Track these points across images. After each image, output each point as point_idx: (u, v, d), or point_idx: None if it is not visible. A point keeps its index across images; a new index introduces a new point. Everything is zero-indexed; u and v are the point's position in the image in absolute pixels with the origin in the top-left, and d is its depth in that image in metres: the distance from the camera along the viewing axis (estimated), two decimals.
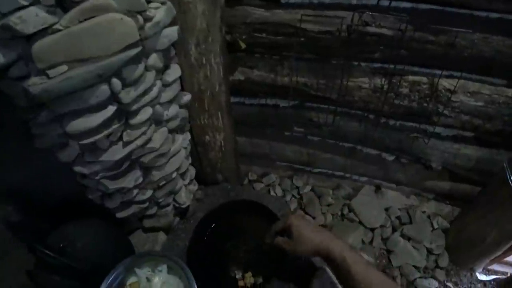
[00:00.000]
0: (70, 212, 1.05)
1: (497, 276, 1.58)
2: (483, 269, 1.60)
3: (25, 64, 0.65)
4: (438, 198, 1.67)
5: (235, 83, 1.36)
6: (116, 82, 0.72)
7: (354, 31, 1.04)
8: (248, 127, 1.57)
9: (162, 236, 1.27)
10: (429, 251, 1.57)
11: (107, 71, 0.68)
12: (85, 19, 0.63)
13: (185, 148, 1.18)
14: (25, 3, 0.56)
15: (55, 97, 0.66)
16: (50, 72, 0.63)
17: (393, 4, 1.02)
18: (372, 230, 1.60)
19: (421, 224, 1.61)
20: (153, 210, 1.19)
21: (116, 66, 0.69)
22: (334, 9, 1.08)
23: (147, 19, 0.74)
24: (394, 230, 1.61)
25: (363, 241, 1.57)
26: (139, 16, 0.71)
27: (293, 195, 1.74)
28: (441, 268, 1.55)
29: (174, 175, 1.14)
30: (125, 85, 0.75)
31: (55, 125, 0.79)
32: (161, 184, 1.10)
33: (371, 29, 1.05)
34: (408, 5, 1.04)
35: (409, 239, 1.57)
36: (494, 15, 1.01)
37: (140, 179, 1.01)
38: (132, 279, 0.85)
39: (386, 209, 1.66)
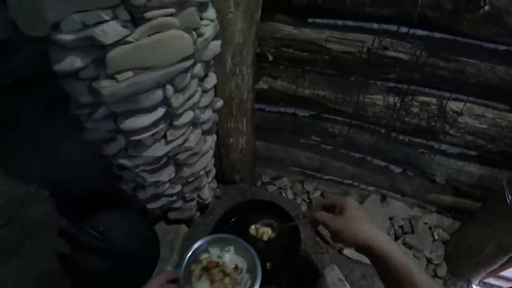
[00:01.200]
0: (96, 202, 1.13)
1: None
2: (480, 281, 1.67)
3: (96, 68, 0.76)
4: (440, 210, 1.76)
5: (259, 91, 1.46)
6: (169, 88, 0.83)
7: (373, 53, 1.15)
8: (266, 132, 1.68)
9: (184, 228, 1.36)
10: (429, 261, 1.65)
11: (165, 79, 0.80)
12: (152, 34, 0.74)
13: (212, 148, 1.29)
14: (107, 18, 0.67)
15: (120, 98, 0.77)
16: (118, 77, 0.74)
17: (411, 31, 1.13)
18: None
19: (423, 235, 1.70)
20: (179, 204, 1.30)
21: (173, 75, 0.80)
22: (357, 32, 1.19)
23: (199, 35, 0.85)
24: (397, 238, 1.69)
25: None
26: (193, 32, 0.82)
27: (303, 199, 1.84)
28: (440, 278, 1.63)
29: (202, 172, 1.24)
30: (176, 91, 0.86)
31: (108, 121, 0.89)
32: (190, 180, 1.20)
33: (389, 53, 1.16)
34: (423, 33, 1.15)
35: (410, 247, 1.66)
36: (501, 47, 1.12)
37: (173, 174, 1.11)
38: (204, 255, 0.90)
39: (390, 218, 1.75)
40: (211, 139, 1.24)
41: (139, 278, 1.13)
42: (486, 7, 0.98)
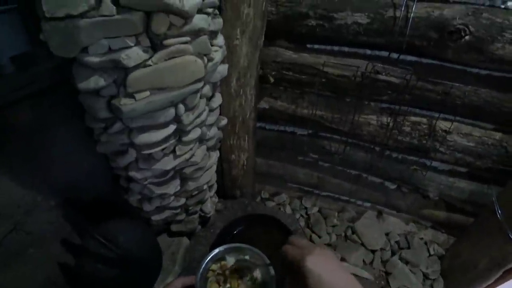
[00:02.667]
0: (101, 212, 1.17)
1: None
2: None
3: (116, 87, 0.84)
4: (435, 226, 1.81)
5: (260, 110, 1.55)
6: (181, 107, 0.91)
7: (367, 77, 1.25)
8: (266, 149, 1.75)
9: (185, 241, 1.41)
10: (425, 276, 1.68)
11: (178, 99, 0.88)
12: (169, 58, 0.82)
13: (215, 163, 1.36)
14: (131, 44, 0.76)
15: (137, 115, 0.85)
16: (137, 96, 0.82)
17: (401, 57, 1.23)
18: (373, 251, 1.73)
19: (419, 250, 1.74)
20: (182, 216, 1.35)
21: (185, 95, 0.89)
22: (352, 57, 1.30)
23: (210, 60, 0.94)
24: (393, 253, 1.73)
25: (364, 262, 1.69)
26: (205, 57, 0.91)
27: (301, 215, 1.88)
28: None
29: (205, 187, 1.31)
30: (186, 109, 0.94)
31: (122, 135, 0.96)
32: (194, 193, 1.27)
33: (382, 76, 1.25)
34: (413, 59, 1.26)
35: (406, 262, 1.69)
36: (484, 72, 1.22)
37: (179, 187, 1.17)
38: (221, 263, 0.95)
39: (387, 234, 1.79)
40: (215, 155, 1.31)
41: (142, 285, 1.17)
42: (467, 37, 1.09)
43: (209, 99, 1.12)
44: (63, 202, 1.14)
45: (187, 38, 0.82)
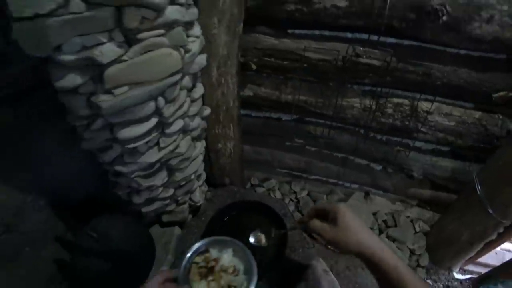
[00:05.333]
0: (91, 209, 1.19)
1: (472, 276, 1.76)
2: (460, 269, 1.78)
3: (93, 83, 0.83)
4: (420, 204, 1.87)
5: (244, 98, 1.55)
6: (161, 100, 0.91)
7: (348, 60, 1.25)
8: (253, 137, 1.76)
9: (177, 230, 1.43)
10: (412, 252, 1.76)
11: (156, 92, 0.88)
12: (145, 52, 0.82)
13: (202, 153, 1.37)
14: (105, 40, 0.75)
15: (117, 111, 0.85)
16: (115, 91, 0.82)
17: (381, 39, 1.23)
18: None
19: (405, 227, 1.80)
20: (172, 207, 1.37)
21: (164, 88, 0.88)
22: (333, 41, 1.30)
23: (187, 51, 0.94)
24: (380, 232, 1.79)
25: None
26: (181, 49, 0.91)
27: (291, 199, 1.93)
28: (422, 267, 1.73)
29: (193, 176, 1.32)
30: (166, 102, 0.94)
31: (105, 131, 0.96)
32: (182, 184, 1.28)
33: (362, 59, 1.26)
34: (393, 40, 1.26)
35: (394, 240, 1.76)
36: (462, 51, 1.23)
37: (166, 179, 1.18)
38: (204, 256, 0.93)
39: (374, 213, 1.85)
40: (201, 145, 1.32)
41: (137, 278, 1.20)
42: (445, 17, 1.09)
43: (190, 90, 1.11)
44: (56, 200, 1.15)
45: (161, 31, 0.81)
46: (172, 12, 0.80)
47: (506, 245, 2.01)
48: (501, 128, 1.35)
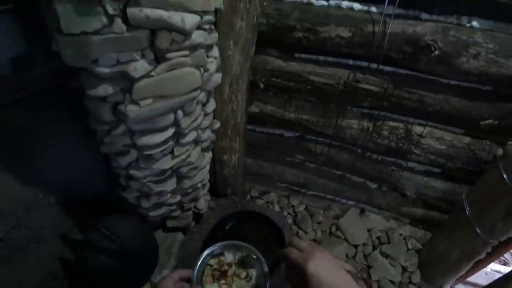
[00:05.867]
0: (100, 208, 1.24)
1: None
2: (450, 287, 1.83)
3: (121, 94, 0.92)
4: (413, 223, 1.94)
5: (251, 114, 1.65)
6: (180, 112, 1.01)
7: (349, 85, 1.37)
8: (256, 150, 1.85)
9: (180, 236, 1.50)
10: (404, 268, 1.81)
11: (177, 105, 0.97)
12: (171, 70, 0.92)
13: (209, 164, 1.45)
14: (138, 58, 0.85)
15: (141, 120, 0.94)
16: (141, 103, 0.91)
17: (379, 67, 1.35)
18: (356, 246, 1.84)
19: (398, 245, 1.86)
20: (177, 213, 1.44)
21: (184, 102, 0.98)
22: (336, 66, 1.41)
23: (206, 70, 1.04)
24: (374, 248, 1.85)
25: (347, 255, 1.81)
26: (201, 68, 1.01)
27: (289, 213, 1.99)
28: (414, 284, 1.78)
29: (199, 185, 1.40)
30: (184, 114, 1.04)
31: (125, 137, 1.05)
32: (188, 191, 1.36)
33: (362, 85, 1.37)
34: (390, 69, 1.38)
35: (387, 256, 1.81)
36: (453, 82, 1.35)
37: (175, 185, 1.26)
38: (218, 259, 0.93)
39: (369, 230, 1.91)
40: (208, 156, 1.41)
41: (141, 278, 1.26)
42: (437, 52, 1.21)
43: (204, 104, 1.21)
44: (66, 198, 1.20)
45: (186, 52, 0.91)
46: (197, 37, 0.91)
47: (497, 267, 2.09)
48: (488, 153, 1.45)
